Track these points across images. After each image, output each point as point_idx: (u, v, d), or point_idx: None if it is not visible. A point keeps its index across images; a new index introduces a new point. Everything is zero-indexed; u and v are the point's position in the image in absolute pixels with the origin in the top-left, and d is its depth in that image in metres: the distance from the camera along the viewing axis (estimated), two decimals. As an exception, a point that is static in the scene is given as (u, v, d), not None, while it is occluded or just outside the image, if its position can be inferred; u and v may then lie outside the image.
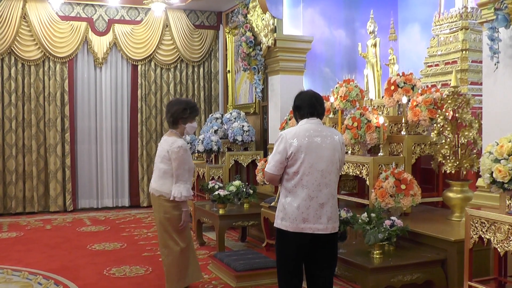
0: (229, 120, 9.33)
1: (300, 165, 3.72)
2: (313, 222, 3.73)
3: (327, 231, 3.76)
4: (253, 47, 8.86)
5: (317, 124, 3.86)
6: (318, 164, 3.73)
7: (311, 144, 3.74)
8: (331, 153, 3.78)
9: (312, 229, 3.73)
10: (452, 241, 4.46)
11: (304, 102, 3.89)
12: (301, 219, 3.74)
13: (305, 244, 3.78)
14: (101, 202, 10.55)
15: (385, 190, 5.16)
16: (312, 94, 3.97)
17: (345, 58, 9.01)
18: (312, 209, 3.73)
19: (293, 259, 3.84)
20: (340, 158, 3.87)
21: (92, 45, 10.35)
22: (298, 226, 3.74)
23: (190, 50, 10.94)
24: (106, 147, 10.57)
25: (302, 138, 3.75)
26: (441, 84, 6.96)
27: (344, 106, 6.67)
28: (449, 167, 5.08)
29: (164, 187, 4.68)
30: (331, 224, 3.78)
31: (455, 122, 5.13)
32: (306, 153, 3.72)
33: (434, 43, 7.31)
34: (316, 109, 3.88)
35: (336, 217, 3.84)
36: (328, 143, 3.79)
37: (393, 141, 5.85)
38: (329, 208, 3.77)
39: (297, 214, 3.74)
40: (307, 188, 3.73)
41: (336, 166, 3.82)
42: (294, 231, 3.75)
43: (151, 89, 10.78)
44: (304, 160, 3.72)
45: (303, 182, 3.73)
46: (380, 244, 4.47)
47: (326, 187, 3.76)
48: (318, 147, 3.75)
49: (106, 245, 7.41)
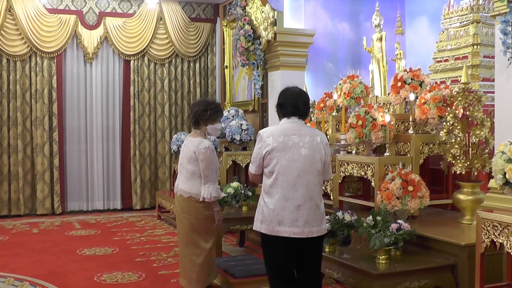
0: (226, 118, 9.32)
1: (275, 164, 3.76)
2: (289, 225, 3.73)
3: (303, 235, 3.74)
4: (252, 41, 8.85)
5: (297, 123, 3.87)
6: (294, 164, 3.74)
7: (287, 143, 3.77)
8: (309, 153, 3.78)
9: (287, 232, 3.73)
10: (463, 245, 4.45)
11: (288, 100, 3.89)
12: (276, 222, 3.75)
13: (287, 247, 3.78)
14: (92, 205, 10.53)
15: (392, 192, 5.15)
16: (298, 92, 3.96)
17: (349, 53, 9.01)
18: (288, 211, 3.73)
19: (279, 264, 3.85)
20: (323, 159, 3.85)
21: (82, 40, 10.33)
22: (274, 229, 3.76)
23: (186, 44, 10.93)
24: (97, 146, 10.55)
25: (278, 136, 3.79)
26: (450, 81, 6.97)
27: (348, 104, 6.66)
28: (459, 167, 5.07)
29: (193, 188, 4.79)
30: (308, 228, 3.75)
31: (466, 120, 5.13)
32: (281, 152, 3.75)
33: (444, 37, 7.32)
34: (299, 109, 3.88)
35: (316, 220, 3.80)
36: (306, 142, 3.80)
37: (400, 140, 5.85)
38: (306, 211, 3.75)
39: (273, 216, 3.76)
40: (282, 188, 3.74)
41: (316, 167, 3.80)
42: (270, 234, 3.77)
43: (145, 85, 10.77)
44: (279, 159, 3.75)
45: (278, 182, 3.75)
46: (386, 249, 4.47)
47: (303, 188, 3.75)
48: (295, 146, 3.77)
49: (96, 250, 7.40)
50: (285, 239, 3.75)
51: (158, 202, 9.88)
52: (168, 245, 7.63)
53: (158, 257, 6.96)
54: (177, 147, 9.57)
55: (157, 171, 10.92)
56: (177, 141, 9.60)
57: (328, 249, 4.80)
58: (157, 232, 8.60)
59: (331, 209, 5.87)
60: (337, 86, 6.93)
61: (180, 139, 9.57)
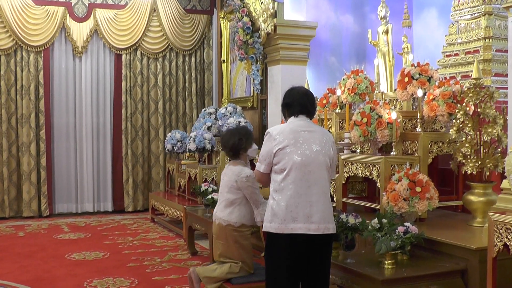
0: (224, 115, 9.32)
1: (286, 161, 3.88)
2: (304, 221, 3.82)
3: (319, 231, 3.84)
4: (251, 34, 8.85)
5: (306, 121, 4.04)
6: (306, 159, 3.88)
7: (298, 138, 3.92)
8: (319, 148, 3.94)
9: (303, 229, 3.81)
10: (474, 249, 4.45)
11: (295, 100, 4.07)
12: (290, 219, 3.83)
13: (300, 248, 3.85)
14: (81, 207, 10.55)
15: (398, 193, 5.15)
16: (304, 92, 4.14)
17: (353, 47, 9.00)
18: (302, 207, 3.83)
19: (286, 269, 3.89)
20: (331, 158, 4.01)
21: (71, 33, 10.33)
22: (288, 227, 3.83)
23: (181, 37, 10.93)
24: (86, 145, 10.55)
25: (288, 133, 3.94)
26: (461, 76, 6.95)
27: (352, 100, 6.66)
28: (470, 167, 5.07)
29: (231, 216, 4.98)
30: (323, 224, 3.86)
31: (477, 117, 5.12)
32: (292, 148, 3.89)
33: (453, 30, 7.30)
34: (307, 108, 4.06)
35: (330, 217, 3.94)
36: (317, 138, 3.96)
37: (407, 138, 5.84)
38: (321, 206, 3.87)
39: (286, 213, 3.83)
40: (294, 184, 3.85)
41: (326, 163, 3.94)
42: (284, 232, 3.83)
43: (137, 81, 10.77)
44: (290, 156, 3.88)
45: (290, 178, 3.86)
46: (393, 253, 4.46)
47: (316, 183, 3.88)
48: (306, 142, 3.92)
49: (86, 254, 7.40)
50: (299, 237, 3.82)
51: (151, 204, 9.88)
52: (162, 250, 7.63)
53: (152, 262, 6.96)
54: (171, 145, 9.58)
55: (150, 172, 10.92)
56: (171, 140, 9.60)
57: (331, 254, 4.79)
58: (151, 235, 8.60)
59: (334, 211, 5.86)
60: (340, 81, 6.92)
61: (175, 137, 9.57)
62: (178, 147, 9.57)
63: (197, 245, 7.68)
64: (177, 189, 9.62)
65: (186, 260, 7.07)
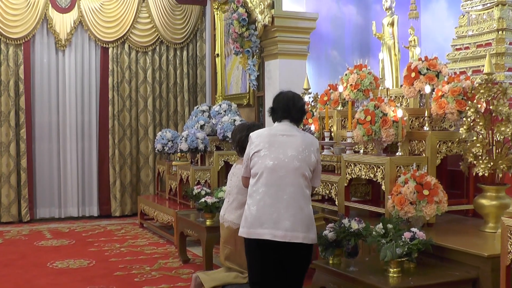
0: (218, 113, 9.32)
1: (259, 165, 4.08)
2: (271, 227, 3.94)
3: (285, 239, 3.93)
4: (247, 26, 8.85)
5: (287, 125, 4.23)
6: (278, 163, 4.04)
7: (274, 143, 4.11)
8: (295, 153, 4.08)
9: (268, 235, 3.94)
10: (486, 256, 4.44)
11: (279, 105, 4.28)
12: (258, 224, 3.98)
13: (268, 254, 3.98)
14: (64, 211, 10.53)
15: (404, 196, 5.14)
16: (290, 96, 4.30)
17: (356, 40, 9.01)
18: (270, 213, 3.97)
19: (260, 273, 4.05)
20: (313, 165, 4.15)
21: (53, 24, 10.31)
22: (256, 231, 3.98)
23: (172, 29, 10.92)
24: (70, 145, 10.53)
25: (265, 137, 4.17)
26: (472, 71, 6.96)
27: (355, 97, 6.66)
28: (482, 168, 5.07)
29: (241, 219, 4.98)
30: (292, 232, 3.94)
31: (489, 115, 5.12)
32: (266, 151, 4.09)
33: (464, 21, 7.31)
34: (291, 113, 4.24)
35: (303, 226, 4.01)
36: (294, 142, 4.12)
37: (413, 138, 5.84)
38: (291, 213, 3.97)
39: (255, 218, 4.00)
40: (265, 188, 4.02)
41: (303, 169, 4.07)
42: (252, 237, 4.01)
43: (125, 76, 10.76)
44: (263, 160, 4.07)
45: (261, 182, 4.04)
46: (399, 261, 4.46)
47: (287, 189, 4.01)
48: (281, 146, 4.10)
49: (70, 262, 7.38)
50: (266, 243, 3.94)
51: (140, 209, 9.87)
52: (152, 257, 7.62)
53: (141, 270, 6.96)
54: (161, 145, 9.57)
55: (139, 174, 10.91)
56: (161, 139, 9.59)
57: (332, 261, 4.79)
58: (139, 242, 8.59)
59: (336, 216, 5.87)
60: (342, 77, 6.92)
61: (165, 137, 9.57)
62: (169, 147, 9.57)
63: (189, 252, 7.67)
64: (167, 192, 9.61)
65: (177, 269, 7.06)
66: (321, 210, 6.40)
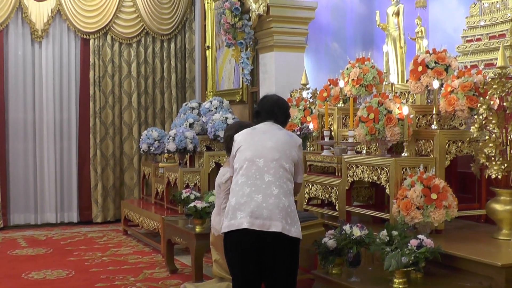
0: (208, 110, 9.31)
1: (239, 157, 4.36)
2: (249, 215, 4.12)
3: (264, 228, 4.09)
4: (240, 15, 8.85)
5: (270, 124, 4.51)
6: (256, 153, 4.31)
7: (254, 137, 4.42)
8: (275, 145, 4.33)
9: (246, 223, 4.09)
10: (499, 266, 4.44)
11: (263, 108, 4.57)
12: (236, 214, 4.17)
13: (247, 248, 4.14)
14: (41, 218, 10.51)
15: (411, 200, 5.15)
16: (275, 100, 4.61)
17: (359, 31, 9.02)
18: (248, 201, 4.17)
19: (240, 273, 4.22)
20: (289, 155, 4.36)
21: (29, 13, 10.28)
22: (234, 223, 4.15)
23: (158, 19, 10.91)
24: (48, 145, 10.51)
25: (246, 134, 4.49)
26: (484, 64, 6.97)
27: (357, 93, 6.66)
28: (495, 170, 5.07)
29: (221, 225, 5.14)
30: (269, 221, 4.10)
31: (503, 113, 5.12)
32: (246, 145, 4.38)
33: (476, 10, 7.33)
34: (275, 116, 4.54)
35: (283, 215, 4.15)
36: (274, 135, 4.40)
37: (420, 137, 5.85)
38: (272, 201, 4.15)
39: (233, 209, 4.21)
40: (244, 177, 4.26)
41: (282, 159, 4.30)
42: (230, 229, 4.19)
43: (107, 70, 10.75)
44: (243, 153, 4.36)
45: (241, 174, 4.29)
46: (404, 271, 4.46)
47: (267, 177, 4.23)
48: (261, 140, 4.38)
49: (47, 273, 7.37)
50: (245, 233, 4.09)
51: (124, 214, 9.86)
52: (137, 267, 7.62)
53: (124, 281, 6.96)
54: (147, 145, 9.56)
55: (122, 176, 10.90)
56: (147, 139, 9.58)
57: (332, 271, 4.79)
58: (123, 250, 8.58)
59: (336, 222, 5.86)
60: (343, 71, 6.93)
61: (151, 136, 9.55)
62: (155, 147, 9.55)
63: (177, 262, 7.67)
64: (154, 196, 9.60)
65: (164, 279, 7.05)
66: (321, 215, 6.40)
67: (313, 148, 7.12)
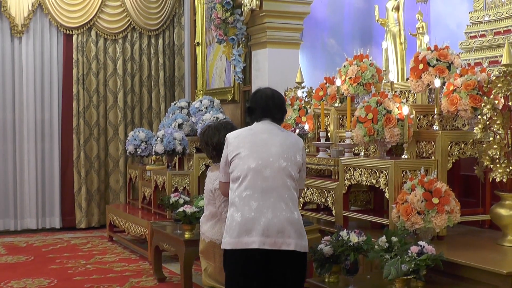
0: (198, 110, 9.30)
1: (241, 167, 4.17)
2: (259, 234, 4.01)
3: (275, 247, 4.02)
4: (231, 10, 8.85)
5: (269, 124, 4.35)
6: (262, 163, 4.14)
7: (255, 142, 4.23)
8: (280, 151, 4.19)
9: (257, 243, 4.00)
10: (505, 274, 4.45)
11: (258, 104, 4.40)
12: (244, 232, 4.04)
13: (254, 266, 4.04)
14: (21, 223, 10.49)
15: (411, 205, 5.15)
16: (269, 94, 4.43)
17: (357, 26, 9.03)
18: (257, 219, 4.04)
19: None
20: (297, 162, 4.25)
21: (8, 7, 10.26)
22: (241, 241, 4.04)
23: (146, 14, 10.91)
24: (28, 147, 10.49)
25: (245, 137, 4.30)
26: (488, 62, 6.99)
27: (355, 91, 6.67)
28: (500, 173, 5.08)
29: (213, 231, 5.11)
30: (281, 238, 4.02)
31: (508, 113, 5.14)
32: (247, 152, 4.19)
33: (480, 5, 7.35)
34: (271, 113, 4.37)
35: (293, 231, 4.08)
36: (277, 140, 4.24)
37: (421, 138, 5.86)
38: (280, 217, 4.05)
39: (240, 226, 4.06)
40: (250, 190, 4.10)
41: (288, 169, 4.18)
42: (236, 248, 4.07)
43: (92, 67, 10.74)
44: (244, 161, 4.17)
45: (245, 184, 4.12)
46: (404, 279, 4.47)
47: (275, 191, 4.11)
48: (263, 144, 4.21)
49: (28, 282, 7.35)
50: (254, 253, 4.00)
51: (109, 219, 9.84)
52: (123, 275, 7.61)
53: (109, 291, 6.95)
54: (133, 147, 9.54)
55: (108, 179, 10.89)
56: (133, 140, 9.56)
57: (329, 279, 4.80)
58: (108, 258, 8.57)
59: (333, 228, 5.86)
60: (341, 69, 6.93)
61: (138, 137, 9.54)
62: (142, 149, 9.54)
63: (165, 270, 7.67)
64: (140, 200, 9.60)
65: (151, 288, 7.06)
66: (316, 221, 6.41)
67: (309, 150, 7.12)
